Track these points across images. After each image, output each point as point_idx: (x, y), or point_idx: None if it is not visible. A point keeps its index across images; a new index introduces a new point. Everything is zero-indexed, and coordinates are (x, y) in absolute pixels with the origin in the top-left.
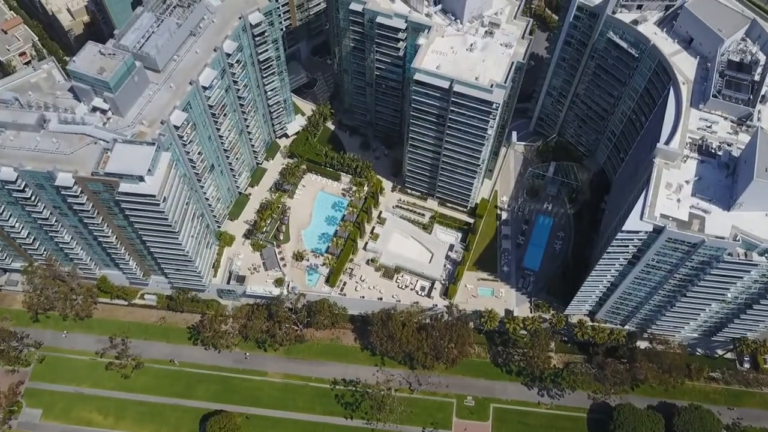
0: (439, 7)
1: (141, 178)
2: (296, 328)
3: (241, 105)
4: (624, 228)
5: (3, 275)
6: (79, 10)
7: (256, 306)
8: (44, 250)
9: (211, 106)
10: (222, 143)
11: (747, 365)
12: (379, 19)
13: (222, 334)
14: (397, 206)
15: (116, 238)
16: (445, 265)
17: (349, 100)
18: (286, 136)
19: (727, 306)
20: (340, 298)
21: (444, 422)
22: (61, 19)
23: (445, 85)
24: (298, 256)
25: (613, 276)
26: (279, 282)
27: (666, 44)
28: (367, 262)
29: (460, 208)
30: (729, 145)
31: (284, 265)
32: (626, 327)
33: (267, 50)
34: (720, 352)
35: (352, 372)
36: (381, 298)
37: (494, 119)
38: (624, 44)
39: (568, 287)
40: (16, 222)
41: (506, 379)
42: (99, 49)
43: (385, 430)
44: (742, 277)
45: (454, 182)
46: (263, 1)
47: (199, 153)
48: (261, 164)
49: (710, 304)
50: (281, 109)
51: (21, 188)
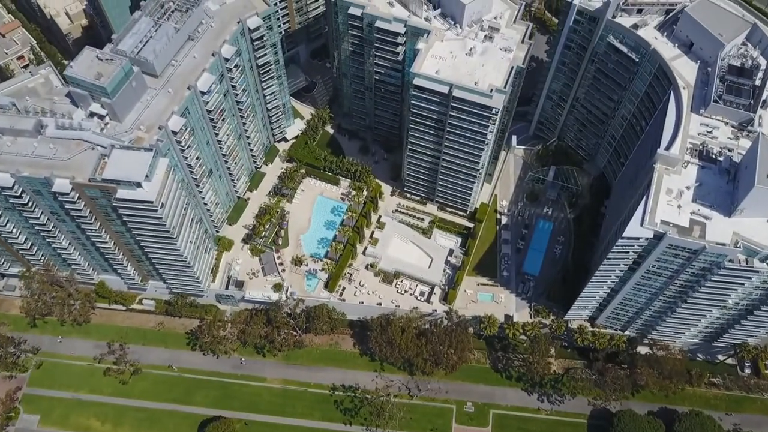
0: (439, 11)
1: (138, 185)
2: (295, 333)
3: (240, 109)
4: (624, 234)
5: (0, 280)
6: (77, 14)
7: (254, 311)
8: (42, 256)
9: (209, 111)
10: (220, 148)
11: (748, 371)
12: (378, 24)
13: (220, 340)
14: (396, 211)
15: (114, 243)
16: (444, 270)
17: (348, 104)
18: (285, 140)
19: (728, 312)
20: (339, 303)
21: (444, 428)
22: (60, 23)
23: (445, 90)
24: (297, 261)
25: (614, 282)
26: (278, 287)
27: (666, 48)
28: (366, 267)
29: (459, 212)
30: (730, 150)
31: (283, 270)
32: (627, 332)
33: (266, 54)
34: (721, 357)
35: (351, 378)
36: (380, 304)
37: (494, 124)
38: (624, 48)
39: (568, 292)
40: (14, 227)
41: (506, 385)
42: (96, 54)
43: None
44: (743, 284)
45: (454, 186)
46: (262, 6)
47: (197, 158)
48: (260, 168)
49: (711, 310)
50: (280, 113)
51: (18, 194)
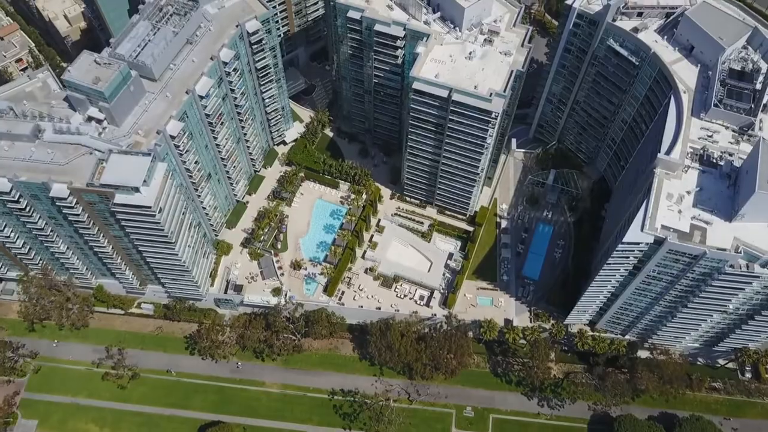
0: (438, 14)
1: (136, 189)
2: (294, 337)
3: (239, 113)
4: (624, 239)
5: None
6: (75, 17)
7: (253, 315)
8: (40, 260)
9: (208, 115)
10: (219, 152)
11: (748, 375)
12: (377, 27)
13: (219, 345)
14: (395, 214)
15: (112, 248)
16: (444, 274)
17: (348, 107)
18: (284, 143)
19: (729, 317)
20: (339, 307)
21: None
22: (58, 26)
23: (444, 94)
24: (296, 265)
25: (614, 287)
26: (276, 291)
27: (666, 52)
28: (366, 271)
29: (459, 216)
30: (730, 155)
31: (282, 274)
32: (627, 337)
33: (264, 58)
34: (721, 361)
35: (351, 382)
36: (379, 308)
37: (493, 128)
38: (624, 52)
39: (568, 296)
40: (11, 232)
41: (506, 390)
42: (94, 58)
43: None
44: (743, 289)
45: (453, 190)
46: (260, 9)
47: (195, 162)
48: (259, 172)
49: (712, 315)
50: (279, 116)
51: (15, 199)
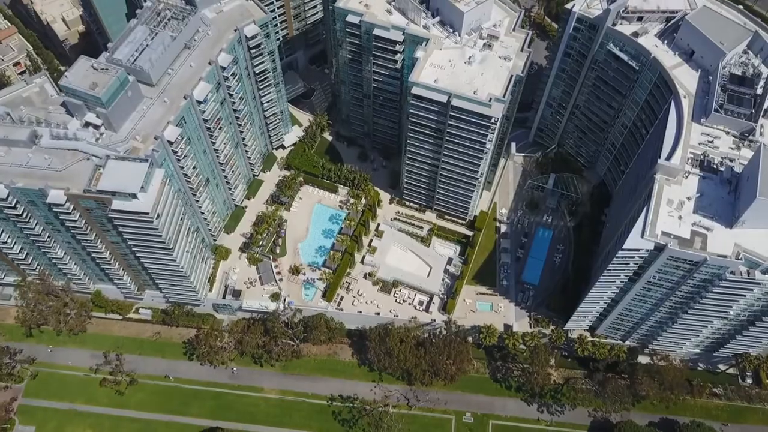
0: (437, 19)
1: (134, 196)
2: (292, 343)
3: (237, 118)
4: (625, 246)
5: None
6: (74, 20)
7: (252, 321)
8: (37, 265)
9: (206, 120)
10: (217, 157)
11: (749, 381)
12: (376, 32)
13: (217, 350)
14: (395, 219)
15: (110, 253)
16: (443, 279)
17: (347, 111)
18: (283, 147)
19: (729, 323)
20: (337, 312)
21: None
22: (56, 29)
23: (443, 99)
24: (295, 270)
25: (614, 293)
26: (275, 297)
27: (667, 57)
28: (365, 276)
29: (458, 220)
30: (731, 160)
31: (280, 279)
32: (627, 342)
33: (263, 62)
34: (722, 367)
35: (350, 388)
36: (378, 313)
37: (493, 133)
38: (624, 56)
39: (568, 302)
40: (8, 237)
41: (505, 395)
42: (92, 63)
43: None
44: (744, 295)
45: (453, 195)
46: (259, 13)
47: (193, 167)
48: (257, 176)
49: (712, 321)
50: (278, 120)
51: (12, 205)
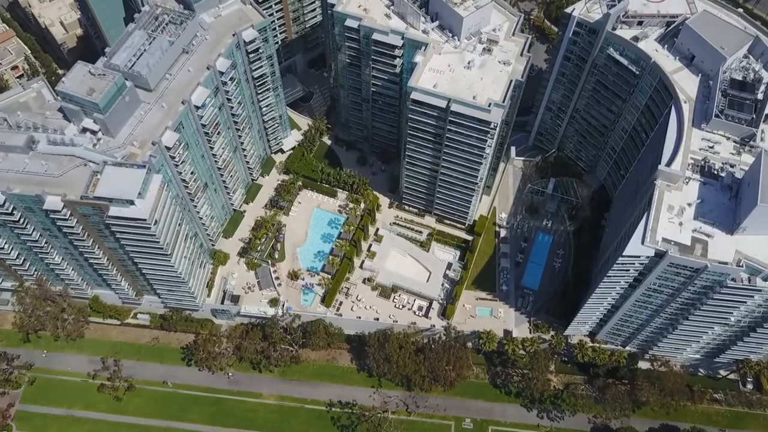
0: (436, 23)
1: (131, 202)
2: (291, 348)
3: (236, 122)
4: (625, 253)
5: None
6: (72, 23)
7: (250, 326)
8: (35, 271)
9: (204, 125)
10: (216, 161)
11: (750, 386)
12: (375, 36)
13: (216, 356)
14: (394, 223)
15: (107, 259)
16: (443, 284)
17: (346, 115)
18: (282, 151)
19: (730, 329)
20: (336, 318)
21: None
22: (54, 33)
23: (443, 104)
24: (294, 275)
25: (614, 299)
26: (274, 302)
27: (667, 61)
28: (364, 281)
29: (458, 225)
30: (732, 166)
31: (279, 284)
32: (627, 348)
33: (261, 67)
34: (723, 372)
35: (349, 394)
36: (378, 319)
37: (492, 138)
38: (624, 61)
39: (568, 307)
40: (6, 243)
41: (505, 401)
42: (89, 69)
43: None
44: (745, 302)
45: (452, 199)
46: (257, 18)
47: (191, 173)
48: (256, 180)
49: (713, 328)
50: (277, 124)
51: (9, 211)
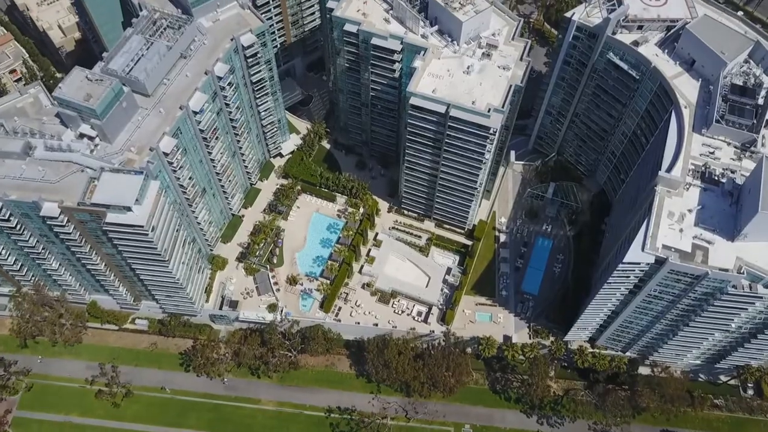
0: (436, 28)
1: (128, 209)
2: (290, 354)
3: (234, 127)
4: (625, 260)
5: None
6: (70, 27)
7: (249, 331)
8: (32, 276)
9: (202, 131)
10: (214, 166)
11: (751, 392)
12: (374, 41)
13: (214, 362)
14: (393, 228)
15: (105, 265)
16: (442, 290)
17: (345, 119)
18: (281, 155)
19: (731, 335)
20: (335, 323)
21: None
22: (52, 36)
23: (442, 109)
24: (292, 281)
25: (614, 305)
26: (272, 307)
27: (667, 66)
28: (363, 287)
29: (457, 229)
30: (732, 172)
31: (278, 289)
32: (627, 354)
33: (260, 71)
34: (723, 378)
35: (348, 400)
36: (377, 324)
37: (492, 143)
38: (624, 65)
39: (568, 312)
40: (2, 249)
41: (505, 407)
42: (86, 74)
43: None
44: (746, 309)
45: (452, 204)
46: (255, 22)
47: (189, 178)
48: (255, 185)
49: (713, 334)
50: (275, 128)
51: (6, 218)
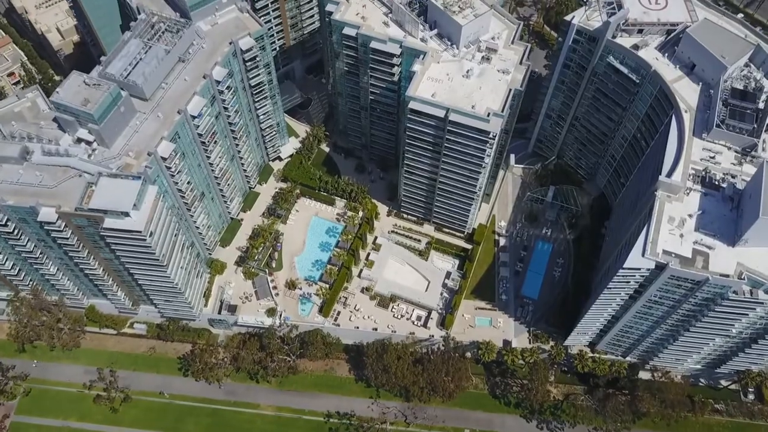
0: (435, 31)
1: (126, 214)
2: (289, 359)
3: (232, 131)
4: (625, 265)
5: None
6: (68, 30)
7: (248, 336)
8: (30, 281)
9: (200, 135)
10: (212, 170)
11: (751, 397)
12: (373, 44)
13: (212, 366)
14: (392, 231)
15: (103, 270)
16: (441, 294)
17: (344, 123)
18: (280, 159)
19: (732, 340)
20: (334, 328)
21: None
22: (51, 39)
23: (441, 114)
24: (291, 285)
25: (614, 310)
26: (271, 312)
27: (667, 70)
28: (362, 291)
29: (457, 233)
30: (733, 176)
31: (277, 293)
32: (628, 358)
33: (258, 75)
34: (724, 383)
35: (347, 404)
36: (376, 329)
37: (491, 148)
38: (624, 69)
39: (567, 317)
40: (0, 254)
41: (504, 412)
42: (84, 79)
43: None
44: (747, 314)
45: (451, 208)
46: (254, 26)
47: (188, 182)
48: (253, 188)
49: (714, 339)
50: (274, 132)
51: (3, 222)
